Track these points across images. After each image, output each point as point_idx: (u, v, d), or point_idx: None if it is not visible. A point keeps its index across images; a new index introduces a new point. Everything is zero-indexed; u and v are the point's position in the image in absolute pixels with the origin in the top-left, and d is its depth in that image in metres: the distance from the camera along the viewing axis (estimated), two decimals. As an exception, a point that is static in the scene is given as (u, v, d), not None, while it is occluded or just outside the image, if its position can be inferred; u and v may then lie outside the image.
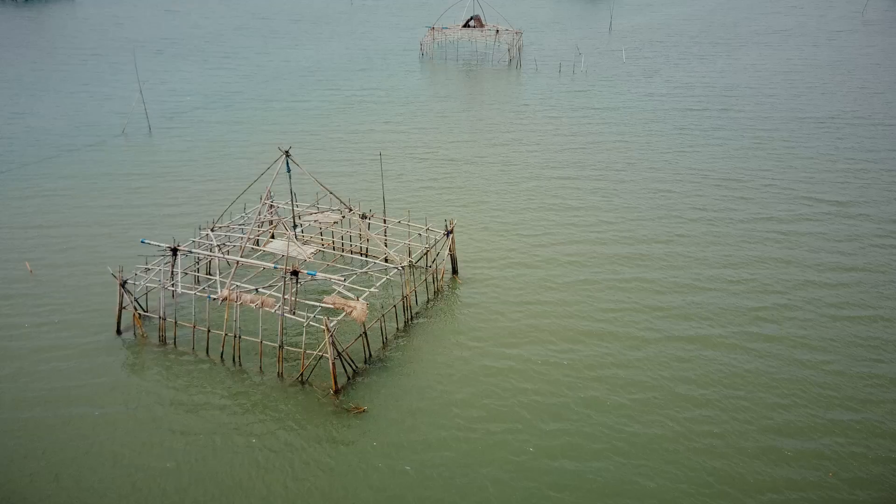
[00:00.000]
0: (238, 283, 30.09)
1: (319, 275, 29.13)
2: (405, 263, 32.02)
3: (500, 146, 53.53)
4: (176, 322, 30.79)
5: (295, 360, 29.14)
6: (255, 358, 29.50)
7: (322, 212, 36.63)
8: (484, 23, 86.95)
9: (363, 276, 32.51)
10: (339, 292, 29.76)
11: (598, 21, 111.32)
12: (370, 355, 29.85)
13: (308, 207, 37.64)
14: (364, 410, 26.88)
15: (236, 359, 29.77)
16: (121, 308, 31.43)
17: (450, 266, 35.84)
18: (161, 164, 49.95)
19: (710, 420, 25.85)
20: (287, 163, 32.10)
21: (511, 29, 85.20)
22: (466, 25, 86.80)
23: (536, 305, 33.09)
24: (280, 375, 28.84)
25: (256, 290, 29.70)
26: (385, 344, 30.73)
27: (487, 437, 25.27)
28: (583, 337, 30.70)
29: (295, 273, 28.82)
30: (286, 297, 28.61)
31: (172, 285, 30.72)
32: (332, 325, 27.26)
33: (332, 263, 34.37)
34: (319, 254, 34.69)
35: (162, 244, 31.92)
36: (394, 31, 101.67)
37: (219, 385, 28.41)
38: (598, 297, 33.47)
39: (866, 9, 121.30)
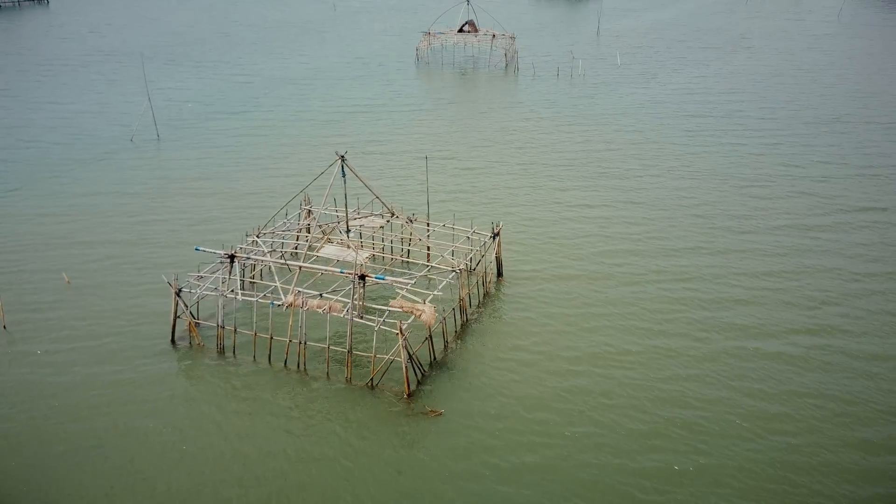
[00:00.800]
0: (299, 289, 29.99)
1: (379, 278, 29.22)
2: (462, 266, 32.17)
3: (518, 151, 54.09)
4: (235, 330, 30.56)
5: (361, 366, 29.02)
6: (320, 364, 29.40)
7: (366, 216, 36.66)
8: (478, 28, 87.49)
9: (421, 280, 32.50)
10: (402, 296, 29.84)
11: (584, 25, 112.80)
12: (434, 358, 29.98)
13: (352, 212, 37.64)
14: (441, 413, 27.00)
15: (301, 365, 29.61)
16: (175, 317, 31.12)
17: (495, 269, 36.10)
18: (178, 173, 49.60)
19: (789, 432, 25.98)
20: (342, 167, 32.12)
21: (506, 34, 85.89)
22: (461, 30, 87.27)
23: (584, 309, 33.54)
24: (348, 381, 28.83)
25: (321, 295, 29.65)
26: (446, 347, 30.87)
27: (570, 442, 25.45)
28: (639, 344, 30.82)
29: (362, 277, 28.84)
30: (354, 301, 28.58)
31: (231, 292, 30.53)
32: (405, 328, 27.36)
33: (390, 268, 34.46)
34: (372, 258, 34.67)
35: (218, 251, 31.71)
36: (382, 36, 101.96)
37: (287, 393, 28.33)
38: (647, 304, 33.77)
39: (841, 12, 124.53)
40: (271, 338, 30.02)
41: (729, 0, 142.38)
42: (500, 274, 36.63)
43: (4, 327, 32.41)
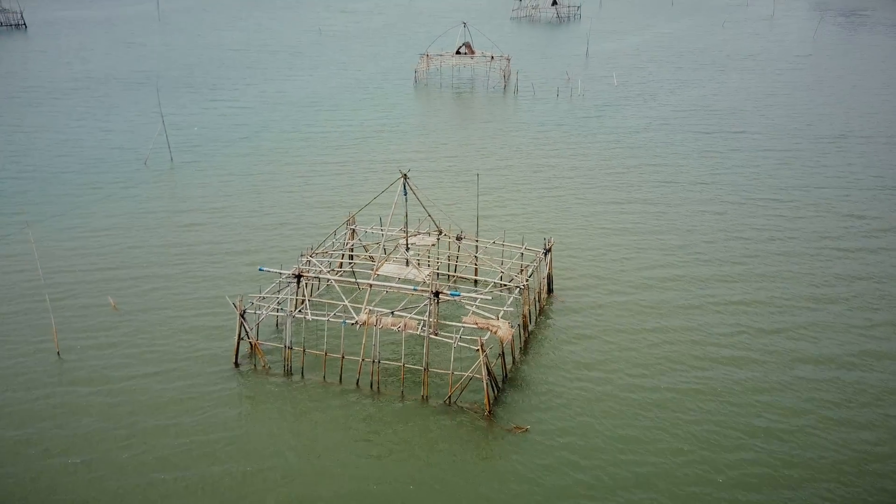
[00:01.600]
0: (370, 308, 29.96)
1: (454, 295, 29.36)
2: (525, 283, 32.42)
3: (537, 173, 54.77)
4: (304, 350, 30.38)
5: (434, 383, 28.91)
6: (392, 383, 29.33)
7: (414, 234, 36.78)
8: (473, 50, 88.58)
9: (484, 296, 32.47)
10: (473, 312, 29.97)
11: (570, 47, 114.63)
12: (506, 375, 30.10)
13: (398, 230, 37.75)
14: (527, 430, 27.09)
15: (374, 384, 29.51)
16: (239, 339, 30.86)
17: (546, 285, 36.42)
18: (201, 198, 49.45)
19: (877, 441, 26.40)
20: (405, 186, 32.29)
21: (503, 55, 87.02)
22: (458, 52, 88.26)
23: (641, 325, 34.25)
24: (424, 399, 28.80)
25: (392, 312, 29.67)
26: (514, 363, 31.04)
27: (662, 460, 25.68)
28: (706, 360, 31.32)
29: (437, 294, 28.93)
30: (429, 318, 28.62)
31: (299, 312, 30.41)
32: (484, 346, 27.49)
33: (453, 285, 34.60)
34: (436, 276, 34.65)
35: (283, 271, 31.63)
36: (375, 60, 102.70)
37: (362, 413, 28.32)
38: (704, 321, 34.33)
39: (816, 33, 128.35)
40: (343, 357, 29.88)
41: (705, 23, 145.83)
42: (550, 290, 36.94)
43: (59, 354, 31.78)
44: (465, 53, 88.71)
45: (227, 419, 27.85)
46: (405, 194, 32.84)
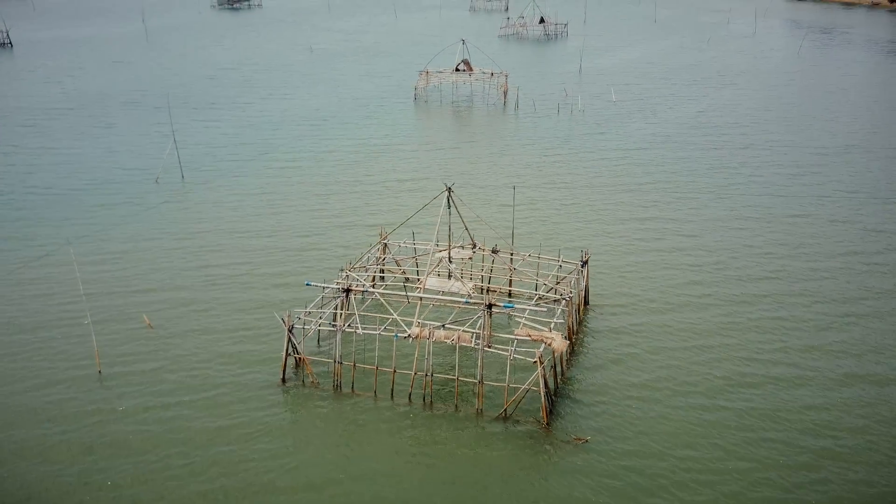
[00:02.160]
0: (421, 321, 30.04)
1: (507, 307, 29.57)
2: (570, 294, 32.68)
3: (553, 188, 55.23)
4: (354, 365, 30.37)
5: (486, 397, 28.94)
6: (445, 396, 29.39)
7: (448, 248, 36.93)
8: (472, 66, 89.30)
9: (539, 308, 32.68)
10: (524, 324, 30.15)
11: (563, 63, 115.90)
12: (557, 387, 30.29)
13: (430, 244, 37.87)
14: (587, 441, 27.24)
15: (427, 398, 29.55)
16: (287, 355, 30.80)
17: (583, 297, 36.73)
18: (219, 217, 49.52)
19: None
20: (449, 199, 32.51)
21: (502, 72, 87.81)
22: (457, 69, 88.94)
23: (680, 336, 34.78)
24: (479, 412, 28.87)
25: (443, 326, 29.78)
26: (562, 375, 31.22)
27: (726, 477, 25.89)
28: (756, 375, 31.79)
29: (489, 306, 29.10)
30: (483, 331, 28.75)
31: (349, 326, 30.43)
32: (542, 358, 27.71)
33: (505, 298, 34.77)
34: (478, 290, 34.85)
35: (330, 285, 31.67)
36: (370, 78, 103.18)
37: (417, 429, 28.53)
38: (741, 336, 34.76)
39: (800, 50, 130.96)
40: (394, 371, 29.91)
41: (691, 40, 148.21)
42: (586, 302, 37.25)
43: (100, 372, 31.49)
44: (464, 70, 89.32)
45: (281, 444, 27.70)
46: (449, 208, 33.00)
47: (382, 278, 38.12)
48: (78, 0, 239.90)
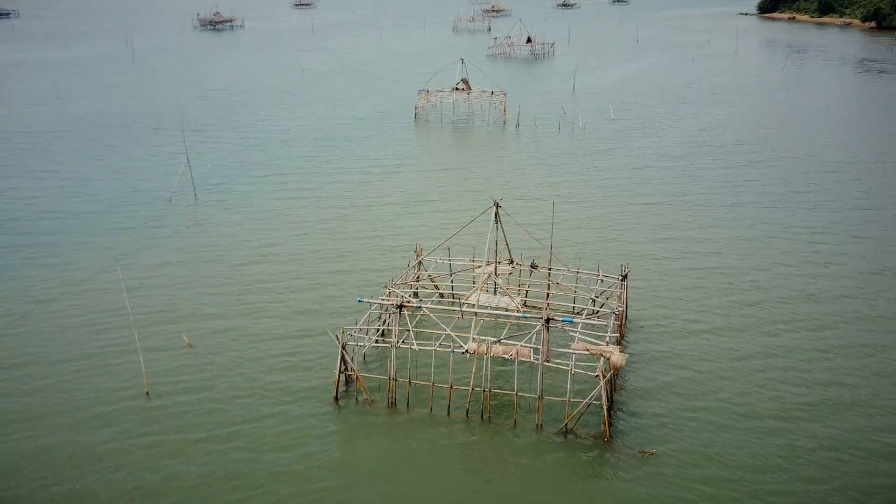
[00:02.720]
0: (474, 336, 30.05)
1: (566, 321, 29.68)
2: (620, 308, 32.90)
3: (573, 204, 55.59)
4: (410, 381, 30.28)
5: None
6: (502, 412, 29.36)
7: (489, 264, 37.05)
8: (470, 86, 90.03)
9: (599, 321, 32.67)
10: (579, 339, 30.28)
11: (556, 82, 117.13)
12: (614, 401, 30.40)
13: (468, 260, 38.08)
14: (652, 453, 27.35)
15: (485, 414, 29.52)
16: (340, 373, 30.64)
17: (625, 311, 36.94)
18: (242, 237, 49.26)
19: None
20: (496, 214, 32.66)
21: (500, 91, 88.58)
22: (456, 88, 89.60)
23: (724, 351, 35.15)
24: (539, 427, 28.89)
25: (499, 341, 29.83)
26: (615, 387, 31.35)
27: (799, 491, 25.92)
28: (813, 395, 31.61)
29: (548, 321, 29.19)
30: (543, 346, 28.82)
31: (404, 342, 30.39)
32: (606, 372, 27.84)
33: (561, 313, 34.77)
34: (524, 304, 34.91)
35: (384, 301, 31.62)
36: (366, 97, 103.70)
37: (478, 445, 28.72)
38: (792, 354, 34.77)
39: (784, 68, 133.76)
40: (451, 387, 29.84)
41: (676, 58, 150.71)
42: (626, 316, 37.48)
43: (147, 393, 31.09)
44: (463, 89, 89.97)
45: (338, 463, 27.46)
46: (496, 223, 33.13)
47: (416, 295, 38.06)
48: (58, 22, 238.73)
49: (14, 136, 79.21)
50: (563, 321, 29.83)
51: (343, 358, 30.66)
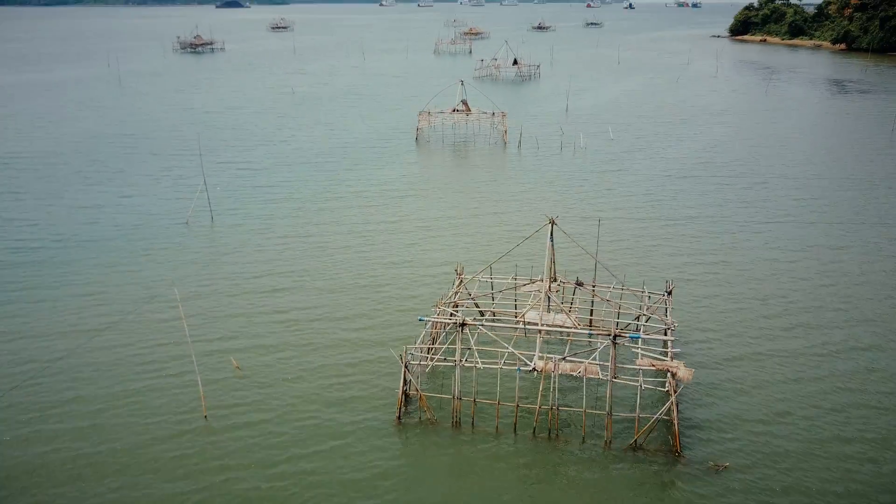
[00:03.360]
0: (538, 353, 30.28)
1: (634, 337, 30.01)
2: (675, 325, 33.35)
3: (593, 224, 55.53)
4: (475, 400, 30.39)
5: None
6: (568, 429, 29.62)
7: (533, 281, 37.35)
8: (469, 107, 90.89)
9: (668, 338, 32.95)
10: (642, 354, 30.66)
11: (546, 104, 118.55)
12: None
13: (510, 278, 38.41)
14: (726, 467, 27.70)
15: (553, 432, 29.70)
16: (403, 392, 30.68)
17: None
18: (268, 261, 48.74)
19: None
20: (552, 232, 33.05)
21: (499, 112, 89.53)
22: (455, 110, 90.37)
23: (777, 367, 35.89)
24: (608, 444, 29.12)
25: (564, 358, 30.10)
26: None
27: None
28: (871, 409, 31.97)
29: (615, 337, 29.52)
30: (612, 363, 29.12)
31: (467, 361, 30.52)
32: (677, 387, 28.20)
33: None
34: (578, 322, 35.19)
35: (444, 320, 31.76)
36: (362, 120, 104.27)
37: (545, 462, 28.91)
38: (840, 367, 35.33)
39: (767, 89, 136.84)
40: (517, 405, 29.99)
41: (661, 80, 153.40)
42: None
43: (206, 417, 30.83)
44: (463, 110, 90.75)
45: (405, 485, 27.30)
46: (551, 240, 33.50)
47: (454, 314, 38.11)
48: (36, 45, 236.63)
49: (11, 159, 78.18)
50: (630, 338, 30.15)
51: (405, 377, 30.66)
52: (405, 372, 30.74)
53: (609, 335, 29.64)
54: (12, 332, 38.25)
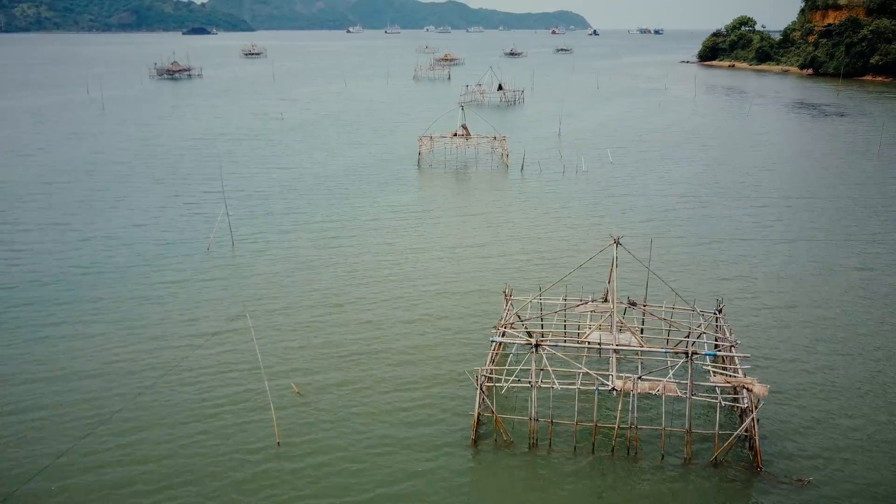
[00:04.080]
0: (615, 373, 30.57)
1: (709, 354, 30.46)
2: (738, 342, 33.92)
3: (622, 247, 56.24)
4: (552, 421, 30.56)
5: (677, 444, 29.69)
6: (647, 447, 29.88)
7: (585, 302, 37.76)
8: (469, 132, 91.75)
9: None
10: (715, 371, 31.10)
11: (536, 128, 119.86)
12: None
13: (560, 299, 38.79)
14: (810, 481, 28.13)
15: (631, 451, 29.94)
16: (479, 414, 30.75)
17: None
18: (297, 289, 48.08)
19: None
20: (616, 251, 33.54)
21: (499, 136, 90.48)
22: (455, 134, 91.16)
23: (839, 381, 36.32)
24: (687, 461, 29.42)
25: (640, 377, 30.43)
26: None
27: None
28: None
29: (691, 355, 29.94)
30: (690, 381, 29.50)
31: (544, 381, 30.72)
32: (758, 403, 28.67)
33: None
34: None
35: (517, 341, 31.96)
36: (358, 146, 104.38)
37: (627, 481, 29.03)
38: None
39: (749, 112, 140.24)
40: (595, 425, 30.20)
41: (643, 104, 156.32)
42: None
43: (279, 444, 30.55)
44: (462, 135, 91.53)
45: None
46: (615, 259, 33.95)
47: (504, 334, 38.31)
48: (6, 72, 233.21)
49: (8, 186, 76.83)
50: (706, 355, 30.58)
51: (482, 399, 30.72)
52: (481, 394, 30.75)
53: (685, 353, 30.01)
54: (69, 372, 37.33)
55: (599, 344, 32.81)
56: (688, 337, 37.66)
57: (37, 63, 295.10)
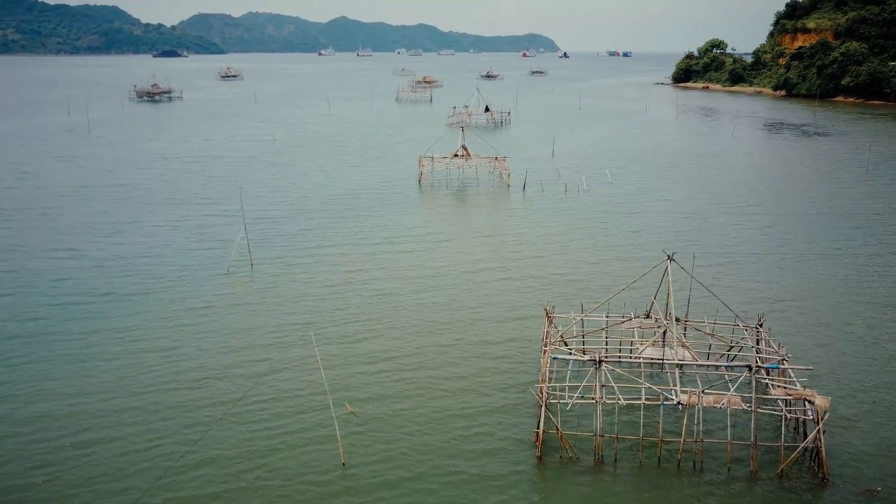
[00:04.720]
0: (678, 388, 30.97)
1: (771, 367, 30.96)
2: (789, 355, 34.54)
3: (636, 264, 57.12)
4: (617, 437, 30.82)
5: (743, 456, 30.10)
6: (712, 460, 30.23)
7: (628, 318, 38.22)
8: (469, 152, 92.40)
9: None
10: (775, 384, 31.64)
11: (527, 149, 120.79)
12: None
13: (602, 316, 39.20)
14: (878, 491, 28.65)
15: (697, 464, 30.28)
16: (543, 431, 30.94)
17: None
18: (328, 312, 47.85)
19: None
20: (668, 268, 34.05)
21: (500, 156, 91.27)
22: (456, 155, 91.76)
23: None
24: (754, 473, 29.82)
25: (703, 391, 30.86)
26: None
27: None
28: None
29: (755, 369, 30.47)
30: (754, 394, 29.97)
31: (609, 397, 31.01)
32: (823, 415, 29.22)
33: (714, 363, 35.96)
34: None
35: (580, 357, 32.23)
36: (355, 168, 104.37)
37: (695, 496, 29.17)
38: None
39: (734, 133, 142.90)
40: (661, 440, 30.48)
41: (627, 125, 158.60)
42: (759, 362, 39.15)
43: (343, 464, 30.47)
44: (462, 155, 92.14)
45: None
46: (669, 276, 34.44)
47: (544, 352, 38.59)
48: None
49: (4, 212, 75.64)
50: (768, 367, 31.09)
51: (545, 416, 30.88)
52: (545, 411, 30.90)
53: (747, 366, 30.50)
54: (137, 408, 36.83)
55: (663, 359, 33.15)
56: (730, 350, 38.28)
57: (9, 86, 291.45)
